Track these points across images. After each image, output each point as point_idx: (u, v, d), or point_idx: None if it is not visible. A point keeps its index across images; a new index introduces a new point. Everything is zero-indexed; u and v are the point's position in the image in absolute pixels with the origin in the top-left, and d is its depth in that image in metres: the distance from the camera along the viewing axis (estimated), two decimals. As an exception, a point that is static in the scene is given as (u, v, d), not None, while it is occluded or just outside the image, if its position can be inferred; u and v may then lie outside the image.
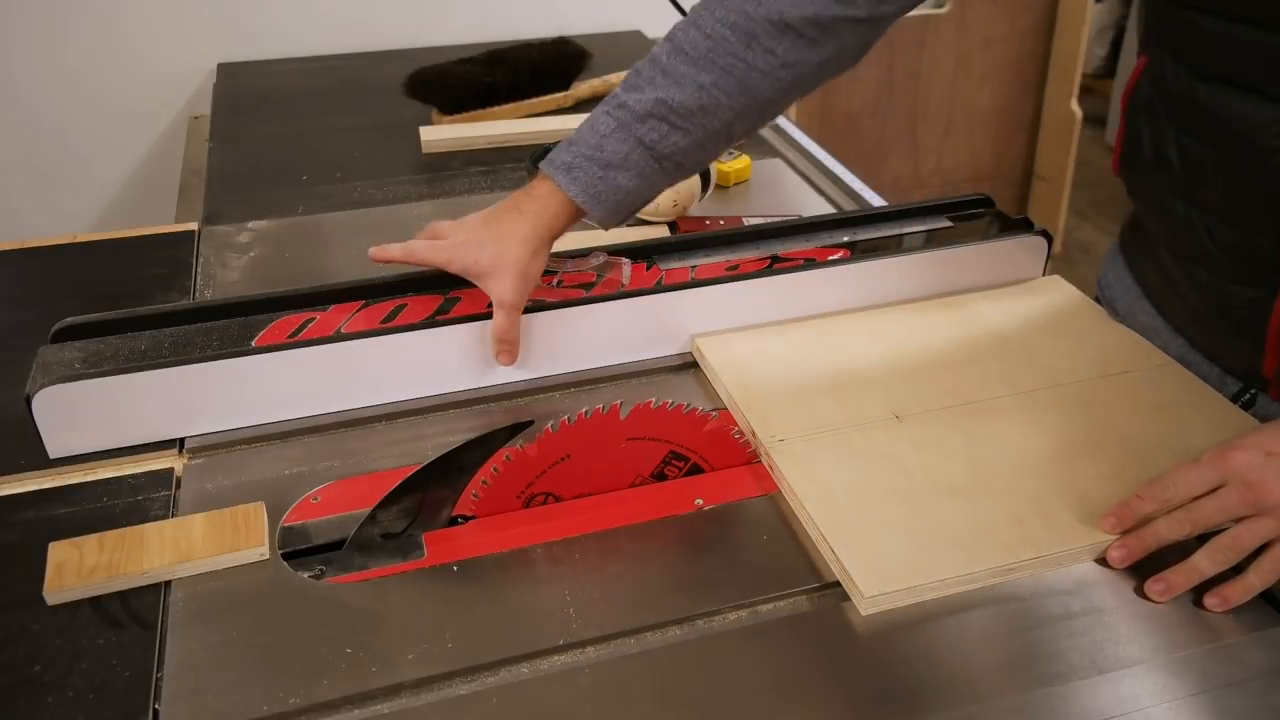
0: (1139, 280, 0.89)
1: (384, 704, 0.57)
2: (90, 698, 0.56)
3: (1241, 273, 0.73)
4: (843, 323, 0.88)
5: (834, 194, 1.19)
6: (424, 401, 0.81)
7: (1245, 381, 0.79)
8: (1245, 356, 0.77)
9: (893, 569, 0.63)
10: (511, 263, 0.76)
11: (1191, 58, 0.72)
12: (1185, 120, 0.73)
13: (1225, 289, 0.75)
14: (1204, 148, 0.72)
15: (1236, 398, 0.79)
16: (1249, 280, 0.73)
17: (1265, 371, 0.75)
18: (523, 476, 0.69)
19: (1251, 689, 0.57)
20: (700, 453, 0.74)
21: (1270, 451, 0.62)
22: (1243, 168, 0.69)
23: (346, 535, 0.69)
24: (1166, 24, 0.74)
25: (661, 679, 0.58)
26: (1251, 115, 0.67)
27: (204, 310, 0.81)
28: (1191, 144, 0.73)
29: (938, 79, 2.49)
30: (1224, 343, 0.80)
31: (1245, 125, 0.68)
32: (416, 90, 1.35)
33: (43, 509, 0.70)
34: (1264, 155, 0.67)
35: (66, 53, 1.64)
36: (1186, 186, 0.75)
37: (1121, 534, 0.65)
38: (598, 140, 0.76)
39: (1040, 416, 0.76)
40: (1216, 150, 0.71)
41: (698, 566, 0.66)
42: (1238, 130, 0.68)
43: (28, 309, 0.96)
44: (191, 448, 0.76)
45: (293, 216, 1.13)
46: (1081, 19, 2.46)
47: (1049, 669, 0.58)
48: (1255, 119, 0.67)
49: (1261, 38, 0.66)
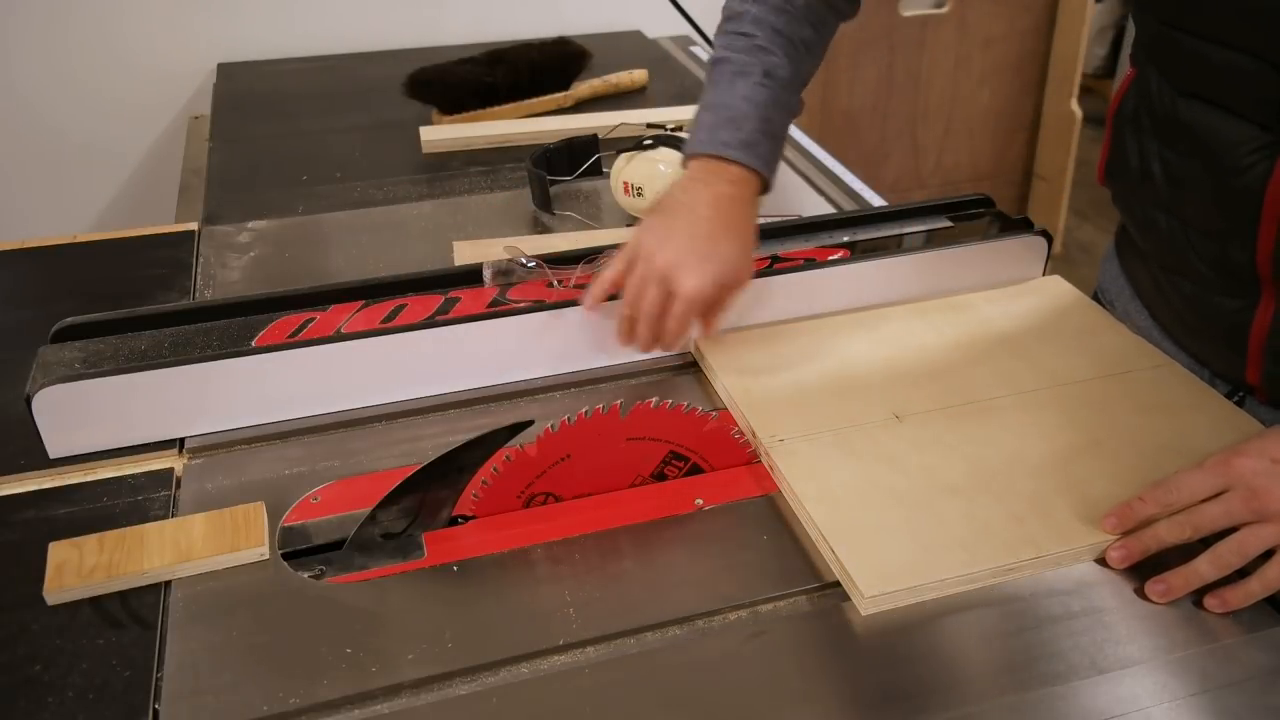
0: (1131, 283, 0.89)
1: (384, 704, 0.57)
2: (90, 698, 0.56)
3: (1222, 285, 0.74)
4: (843, 323, 0.88)
5: (834, 194, 1.19)
6: (424, 401, 0.81)
7: (1233, 386, 0.79)
8: (1230, 364, 0.77)
9: (893, 569, 0.63)
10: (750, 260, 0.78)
11: (1174, 74, 0.72)
12: (1167, 135, 0.74)
13: (1209, 300, 0.76)
14: (1185, 162, 0.73)
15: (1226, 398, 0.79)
16: (1229, 292, 0.73)
17: (1249, 379, 0.76)
18: (523, 476, 0.69)
19: (1251, 689, 0.57)
20: (700, 453, 0.74)
21: (1275, 458, 0.62)
22: (1220, 183, 0.70)
23: (346, 535, 0.69)
24: (1154, 40, 0.74)
25: (661, 679, 0.58)
26: (1227, 132, 0.68)
27: (204, 310, 0.81)
28: (1173, 158, 0.73)
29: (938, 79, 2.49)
30: (1210, 350, 0.80)
31: (1221, 142, 0.68)
32: (416, 90, 1.35)
33: (43, 509, 0.70)
34: (1239, 172, 0.68)
35: (67, 53, 1.64)
36: (1168, 199, 0.75)
37: (1122, 535, 0.65)
38: (764, 113, 0.79)
39: (1040, 416, 0.76)
40: (1196, 165, 0.72)
41: (698, 566, 0.66)
42: (1215, 146, 0.69)
43: (28, 309, 0.96)
44: (191, 448, 0.76)
45: (293, 216, 1.13)
46: (1081, 19, 2.46)
47: (1049, 669, 0.58)
48: (1231, 136, 0.68)
49: (1234, 59, 0.66)
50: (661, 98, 1.50)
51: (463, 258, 1.02)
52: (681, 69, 1.65)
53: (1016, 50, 2.53)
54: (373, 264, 1.02)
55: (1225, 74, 0.67)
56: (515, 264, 0.87)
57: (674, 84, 1.56)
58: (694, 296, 0.74)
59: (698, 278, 0.73)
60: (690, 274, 0.73)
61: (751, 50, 0.80)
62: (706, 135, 0.78)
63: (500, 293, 0.85)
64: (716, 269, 0.74)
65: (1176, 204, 0.75)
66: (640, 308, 0.75)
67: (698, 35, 1.76)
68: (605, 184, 1.14)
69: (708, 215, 0.75)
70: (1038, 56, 2.56)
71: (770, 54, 0.80)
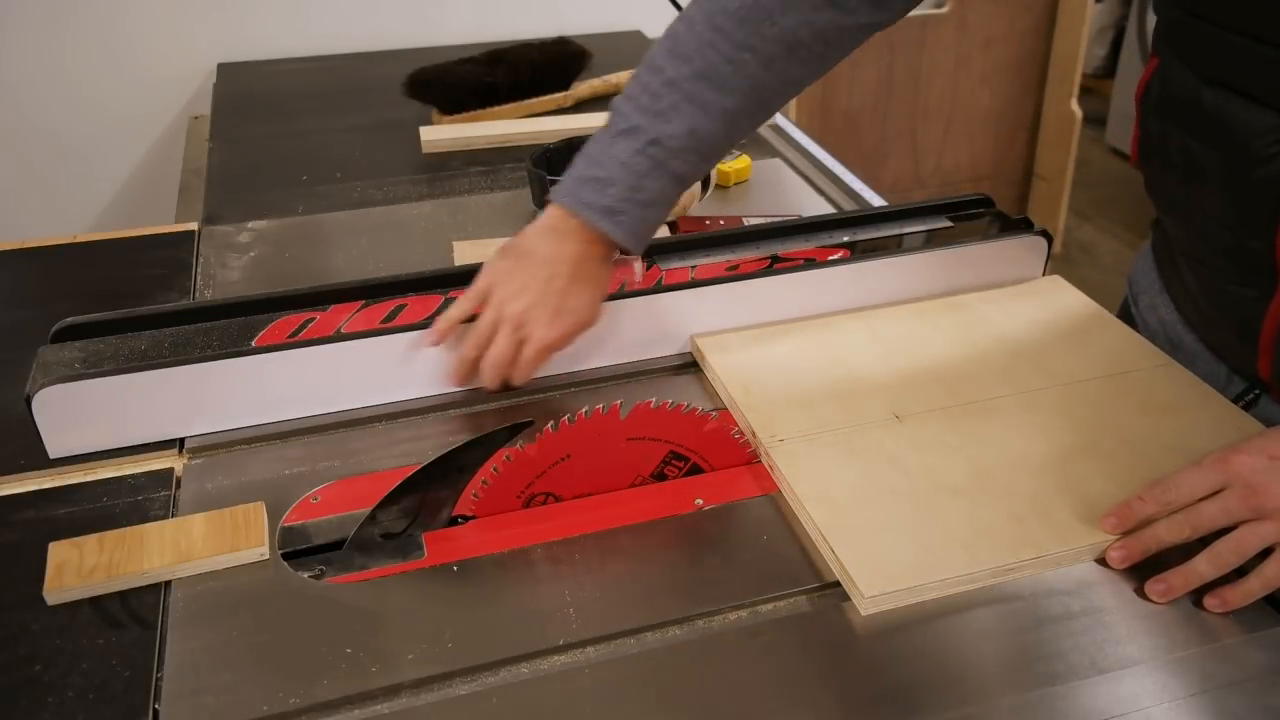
0: (1160, 273, 0.89)
1: (384, 704, 0.57)
2: (90, 698, 0.56)
3: (1239, 274, 0.74)
4: (843, 323, 0.88)
5: (834, 194, 1.19)
6: (424, 401, 0.81)
7: (1250, 382, 0.79)
8: (1243, 357, 0.77)
9: (893, 569, 0.63)
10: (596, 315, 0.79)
11: (1196, 62, 0.72)
12: (1189, 123, 0.74)
13: (1225, 289, 0.75)
14: (1206, 150, 0.72)
15: (1240, 398, 0.79)
16: (1245, 282, 0.73)
17: (1261, 372, 0.75)
18: (523, 476, 0.69)
19: (1251, 689, 0.57)
20: (700, 453, 0.74)
21: (1274, 456, 0.62)
22: (1240, 172, 0.69)
23: (346, 535, 0.69)
24: (1175, 27, 0.74)
25: (661, 679, 0.58)
26: (1250, 122, 0.68)
27: (204, 310, 0.81)
28: (1195, 146, 0.73)
29: (938, 79, 2.49)
30: (1226, 342, 0.80)
31: (1244, 131, 0.68)
32: (416, 90, 1.35)
33: (43, 509, 0.70)
34: (1260, 162, 0.67)
35: (66, 53, 1.64)
36: (1189, 187, 0.75)
37: (1121, 535, 0.65)
38: (635, 181, 0.75)
39: (1040, 417, 0.76)
40: (1217, 154, 0.71)
41: (698, 566, 0.66)
42: (1237, 135, 0.69)
43: (27, 309, 0.96)
44: (191, 448, 0.76)
45: (293, 216, 1.13)
46: (1081, 19, 2.46)
47: (1049, 669, 0.58)
48: (1254, 126, 0.67)
49: (1255, 47, 0.66)
50: (661, 98, 1.49)
51: (463, 258, 1.02)
52: (681, 69, 1.64)
53: (1016, 50, 2.53)
54: (373, 264, 1.02)
55: (1249, 62, 0.67)
56: (515, 264, 0.86)
57: (674, 84, 1.56)
58: (546, 346, 0.77)
59: (550, 330, 0.76)
60: (543, 326, 0.76)
61: (651, 111, 0.74)
62: (572, 185, 0.77)
63: (500, 293, 0.85)
64: (569, 321, 0.77)
65: (1196, 191, 0.74)
66: (489, 354, 0.77)
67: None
68: (605, 184, 1.13)
69: (564, 272, 0.76)
70: (1038, 56, 2.56)
71: (671, 119, 0.74)
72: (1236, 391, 0.79)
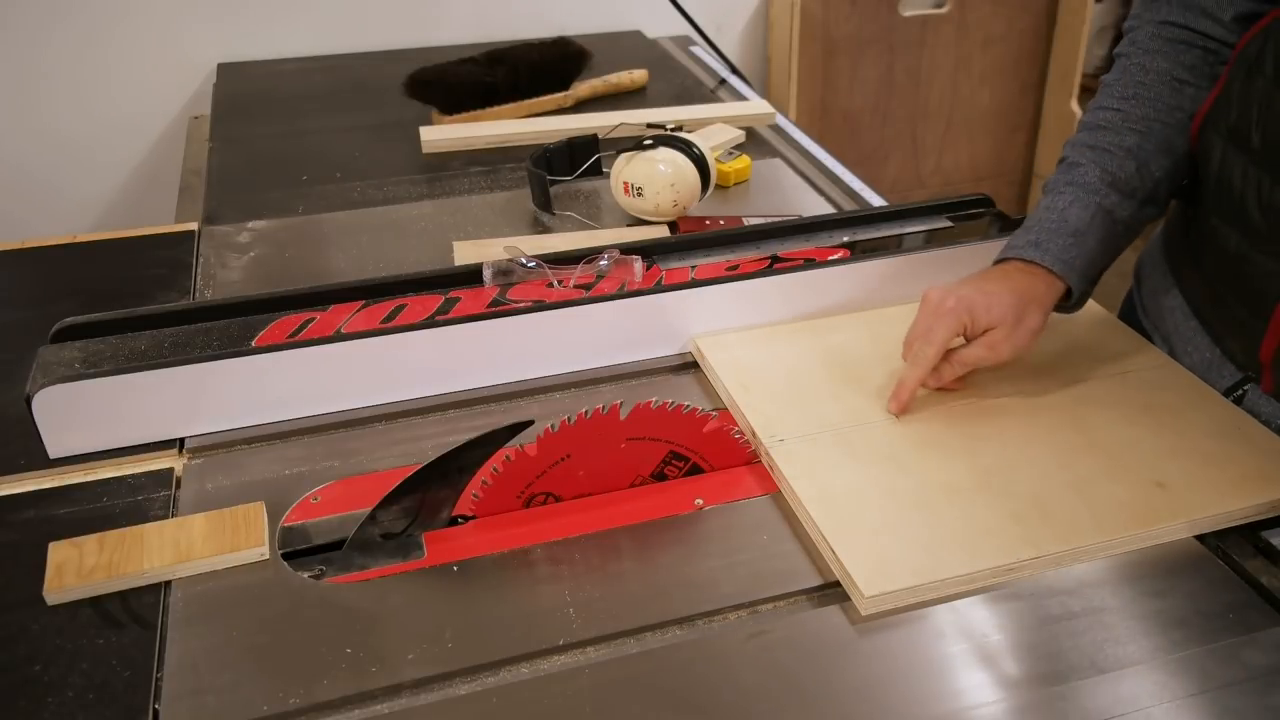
0: (1170, 259, 0.89)
1: (384, 704, 0.57)
2: (90, 698, 0.56)
3: (1272, 243, 0.73)
4: (843, 323, 0.88)
5: (834, 194, 1.19)
6: (424, 401, 0.81)
7: (1243, 369, 0.79)
8: (1249, 337, 0.77)
9: (893, 569, 0.63)
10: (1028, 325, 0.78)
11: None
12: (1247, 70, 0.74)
13: (1250, 256, 0.75)
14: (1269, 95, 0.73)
15: (1230, 391, 0.79)
16: (1275, 252, 0.73)
17: (1262, 355, 0.75)
18: (523, 476, 0.69)
19: (1251, 689, 0.57)
20: (700, 453, 0.74)
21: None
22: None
23: (346, 535, 0.69)
24: None
25: (661, 679, 0.58)
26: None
27: (204, 310, 0.81)
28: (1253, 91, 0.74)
29: (938, 79, 2.49)
30: (1233, 323, 0.80)
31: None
32: (416, 90, 1.35)
33: (43, 509, 0.70)
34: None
35: (67, 53, 1.64)
36: (1261, 145, 0.75)
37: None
38: (1059, 214, 0.80)
39: (1040, 416, 0.76)
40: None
41: (698, 566, 0.66)
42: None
43: (27, 309, 0.96)
44: (191, 448, 0.76)
45: (293, 216, 1.13)
46: (1081, 19, 2.46)
47: (1049, 669, 0.58)
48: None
49: None
50: (661, 98, 1.50)
51: (463, 258, 1.02)
52: (681, 69, 1.65)
53: (1016, 50, 2.53)
54: (373, 264, 1.03)
55: None
56: (515, 264, 0.87)
57: (674, 84, 1.56)
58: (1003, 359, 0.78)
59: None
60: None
61: (1088, 186, 0.81)
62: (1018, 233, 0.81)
63: (500, 293, 0.85)
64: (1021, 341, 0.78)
65: (1262, 149, 0.75)
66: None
67: (698, 35, 1.77)
68: (605, 184, 1.14)
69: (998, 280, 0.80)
70: (1038, 56, 2.56)
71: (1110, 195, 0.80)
72: (1226, 385, 0.79)
